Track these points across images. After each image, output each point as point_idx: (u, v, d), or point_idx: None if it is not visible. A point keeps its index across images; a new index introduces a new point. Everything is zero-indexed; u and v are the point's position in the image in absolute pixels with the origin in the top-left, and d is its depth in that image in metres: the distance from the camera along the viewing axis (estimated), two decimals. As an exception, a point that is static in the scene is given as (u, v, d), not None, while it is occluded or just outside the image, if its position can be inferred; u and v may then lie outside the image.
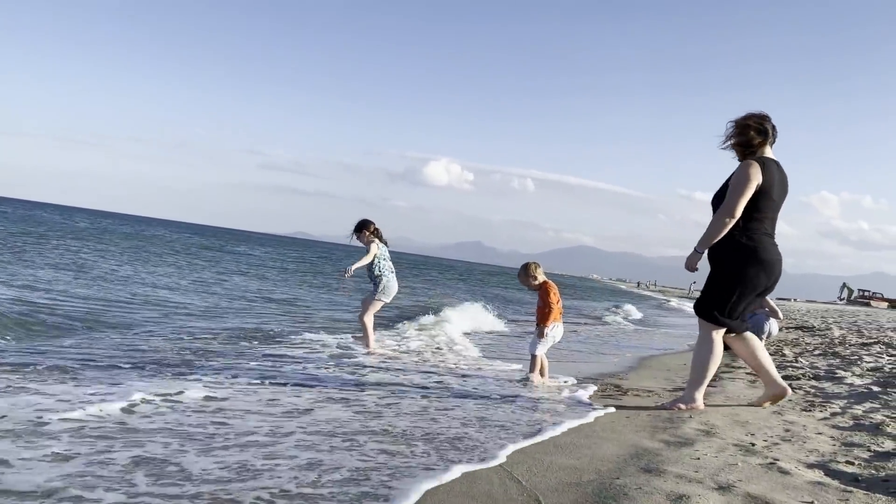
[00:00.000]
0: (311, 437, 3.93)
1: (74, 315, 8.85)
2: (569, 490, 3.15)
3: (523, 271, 6.74)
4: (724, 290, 5.09)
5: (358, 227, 8.26)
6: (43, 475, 2.92)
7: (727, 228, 4.96)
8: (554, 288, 6.68)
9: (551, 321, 6.56)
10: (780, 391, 5.40)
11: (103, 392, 4.63)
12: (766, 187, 4.90)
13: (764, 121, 5.08)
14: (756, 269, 4.99)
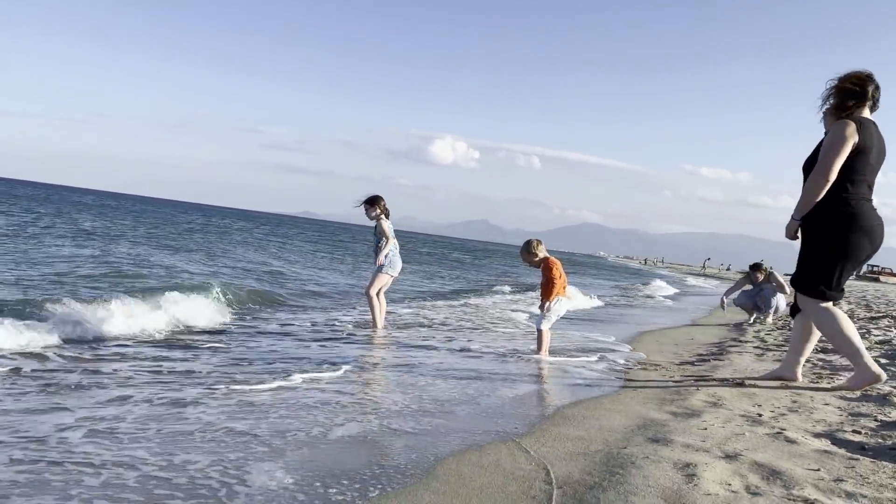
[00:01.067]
0: (342, 409, 3.98)
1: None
2: (577, 459, 3.19)
3: (525, 248, 6.73)
4: (828, 263, 4.78)
5: (370, 201, 8.17)
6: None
7: (823, 191, 4.62)
8: (556, 263, 6.66)
9: (555, 296, 6.56)
10: (791, 375, 5.28)
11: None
12: (862, 148, 4.57)
13: (863, 81, 4.69)
14: (858, 237, 4.69)
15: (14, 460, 2.84)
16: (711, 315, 14.10)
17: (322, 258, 24.06)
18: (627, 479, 2.87)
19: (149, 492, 2.58)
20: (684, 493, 2.70)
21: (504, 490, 2.75)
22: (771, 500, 2.64)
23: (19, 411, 3.59)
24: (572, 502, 2.60)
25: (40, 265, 11.20)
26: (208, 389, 4.34)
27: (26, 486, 2.58)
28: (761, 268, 11.77)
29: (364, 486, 2.72)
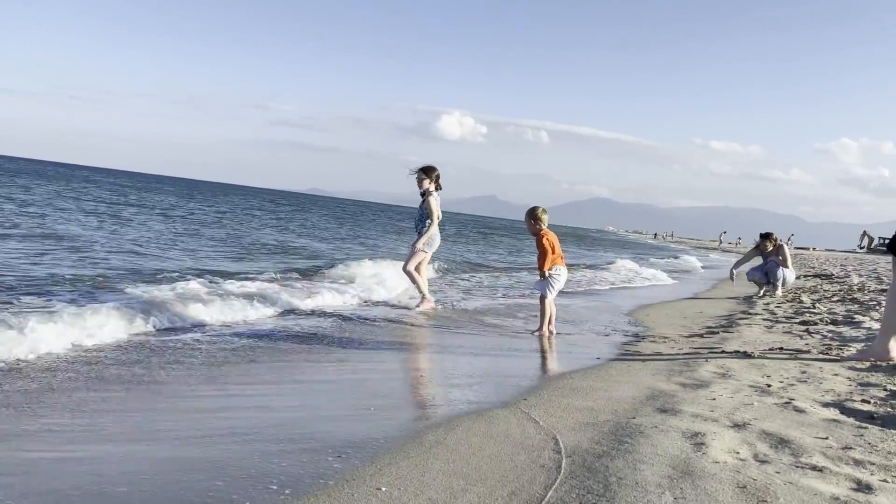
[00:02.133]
0: (374, 376, 4.02)
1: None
2: (586, 429, 3.21)
3: (531, 214, 6.59)
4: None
5: (425, 170, 7.85)
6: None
7: None
8: (551, 236, 6.56)
9: (551, 265, 6.46)
10: (885, 354, 4.82)
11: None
12: None
13: None
14: None
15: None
16: (718, 288, 14.07)
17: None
18: (636, 447, 2.89)
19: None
20: (693, 461, 2.71)
21: (513, 459, 2.78)
22: (779, 468, 2.66)
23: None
24: (581, 470, 2.63)
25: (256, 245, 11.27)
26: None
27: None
28: (771, 237, 11.73)
29: (375, 454, 2.76)
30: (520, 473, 2.61)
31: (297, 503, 2.25)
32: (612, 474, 2.57)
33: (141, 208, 25.73)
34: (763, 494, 2.37)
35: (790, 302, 10.05)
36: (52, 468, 2.50)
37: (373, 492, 2.38)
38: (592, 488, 2.43)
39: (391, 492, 2.39)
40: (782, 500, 2.33)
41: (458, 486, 2.46)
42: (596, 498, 2.34)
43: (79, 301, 5.82)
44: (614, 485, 2.46)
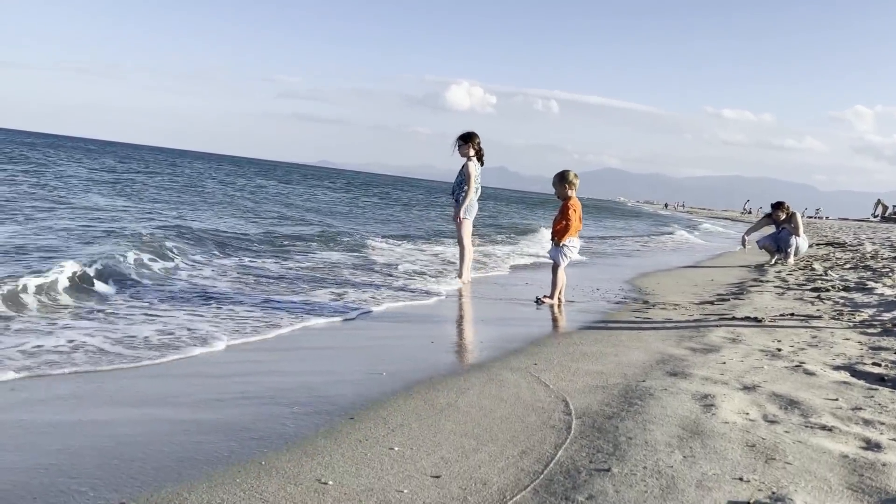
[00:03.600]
0: (387, 343, 4.06)
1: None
2: (595, 392, 3.23)
3: (560, 179, 6.38)
4: None
5: (465, 137, 7.46)
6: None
7: None
8: (577, 206, 6.46)
9: (568, 236, 6.40)
10: None
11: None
12: None
13: None
14: None
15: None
16: (729, 256, 14.01)
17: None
18: (646, 409, 2.91)
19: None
20: (702, 421, 2.73)
21: (524, 420, 2.81)
22: (788, 428, 2.68)
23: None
24: (591, 431, 2.65)
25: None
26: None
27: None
28: (783, 206, 11.64)
29: (388, 416, 2.79)
30: (530, 434, 2.64)
31: (310, 462, 2.29)
32: (622, 434, 2.59)
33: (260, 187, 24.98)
34: (772, 452, 2.39)
35: (802, 270, 10.00)
36: (70, 430, 2.55)
37: (386, 451, 2.41)
38: (602, 447, 2.46)
39: (404, 451, 2.42)
40: (791, 457, 2.35)
41: (470, 446, 2.49)
42: (606, 457, 2.37)
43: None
44: (624, 444, 2.48)
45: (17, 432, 2.50)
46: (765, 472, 2.22)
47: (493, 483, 2.17)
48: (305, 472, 2.21)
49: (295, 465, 2.26)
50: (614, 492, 2.07)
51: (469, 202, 7.44)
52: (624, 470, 2.24)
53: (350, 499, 2.03)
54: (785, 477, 2.18)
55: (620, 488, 2.10)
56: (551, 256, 6.52)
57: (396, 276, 7.70)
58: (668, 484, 2.12)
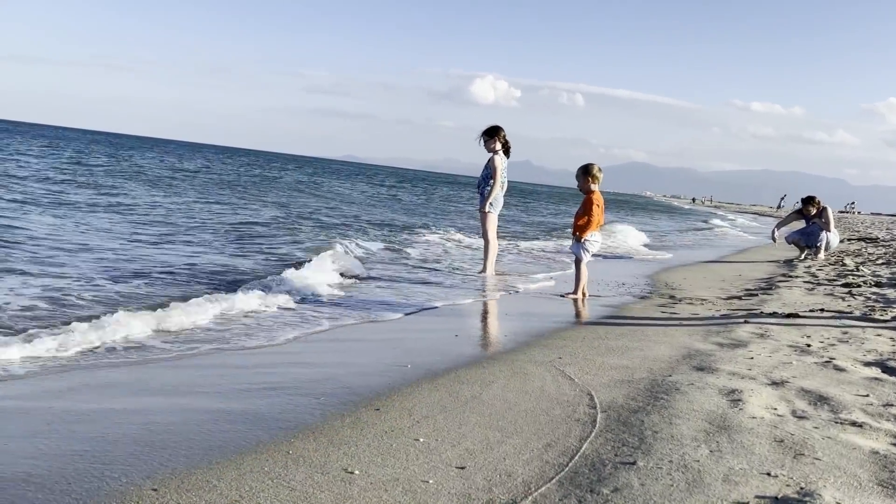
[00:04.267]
0: (412, 336, 4.09)
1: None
2: (621, 386, 3.22)
3: (584, 172, 6.35)
4: None
5: (490, 132, 7.44)
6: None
7: None
8: (600, 200, 6.42)
9: (589, 231, 6.37)
10: None
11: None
12: None
13: None
14: None
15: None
16: (756, 251, 13.83)
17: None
18: (672, 403, 2.90)
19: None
20: (729, 416, 2.71)
21: (549, 413, 2.81)
22: (817, 423, 2.64)
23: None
24: (616, 425, 2.64)
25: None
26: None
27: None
28: (814, 201, 11.45)
29: (413, 408, 2.81)
30: (555, 427, 2.64)
31: (337, 452, 2.31)
32: (648, 428, 2.58)
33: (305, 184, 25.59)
34: (801, 448, 2.37)
35: (833, 265, 9.84)
36: (103, 417, 2.61)
37: (411, 442, 2.43)
38: (628, 441, 2.45)
39: (429, 442, 2.44)
40: (820, 453, 2.32)
41: (495, 438, 2.50)
42: (631, 450, 2.36)
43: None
44: (650, 438, 2.47)
45: (53, 419, 2.56)
46: (793, 468, 2.19)
47: (517, 475, 2.18)
48: (332, 461, 2.24)
49: (322, 454, 2.29)
50: (640, 485, 2.07)
51: (494, 196, 7.43)
52: (650, 463, 2.23)
53: (376, 488, 2.05)
54: (814, 472, 2.16)
55: (646, 481, 2.09)
56: (573, 251, 6.50)
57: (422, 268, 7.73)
58: (695, 478, 2.11)
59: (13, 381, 3.04)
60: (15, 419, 2.57)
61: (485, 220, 7.51)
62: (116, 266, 6.18)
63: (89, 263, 6.18)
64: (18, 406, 2.72)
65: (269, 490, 2.00)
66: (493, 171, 7.39)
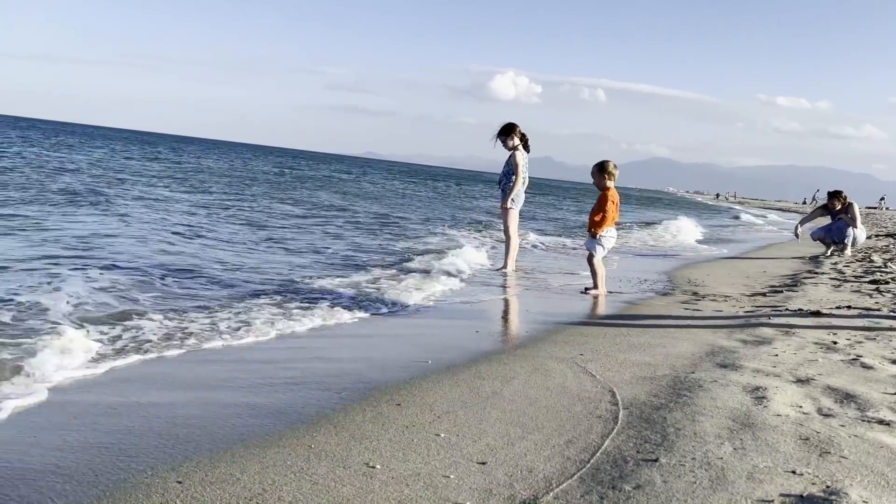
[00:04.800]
0: (432, 332, 4.10)
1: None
2: (643, 383, 3.20)
3: (601, 167, 6.35)
4: None
5: (505, 130, 7.38)
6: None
7: None
8: (615, 197, 6.40)
9: (604, 227, 6.36)
10: None
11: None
12: None
13: None
14: None
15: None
16: (779, 247, 13.64)
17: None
18: (695, 400, 2.87)
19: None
20: (753, 414, 2.68)
21: (570, 410, 2.80)
22: (844, 421, 2.61)
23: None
24: (639, 422, 2.63)
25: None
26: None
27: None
28: (840, 196, 11.26)
29: (434, 403, 2.81)
30: (577, 423, 2.63)
31: (358, 446, 2.33)
32: (670, 425, 2.56)
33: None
34: (827, 446, 2.33)
35: (860, 261, 9.68)
36: (130, 411, 2.64)
37: (432, 437, 2.44)
38: (650, 438, 2.44)
39: (450, 438, 2.44)
40: (847, 451, 2.29)
41: (516, 434, 2.50)
42: (653, 447, 2.35)
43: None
44: (672, 435, 2.46)
45: (79, 412, 2.60)
46: (819, 466, 2.17)
47: (538, 471, 2.17)
48: (354, 455, 2.25)
49: (344, 448, 2.31)
50: (662, 482, 2.05)
51: (516, 192, 7.41)
52: (672, 460, 2.22)
53: (398, 482, 2.06)
54: (840, 471, 2.13)
55: (668, 479, 2.08)
56: (587, 247, 6.50)
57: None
58: (718, 475, 2.09)
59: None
60: (43, 412, 2.62)
61: (506, 216, 7.49)
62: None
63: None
64: (51, 399, 2.77)
65: (292, 483, 2.02)
66: (514, 166, 7.37)
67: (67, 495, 1.92)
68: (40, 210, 9.73)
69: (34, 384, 2.88)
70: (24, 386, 2.85)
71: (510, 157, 7.43)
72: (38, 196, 11.54)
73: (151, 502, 1.88)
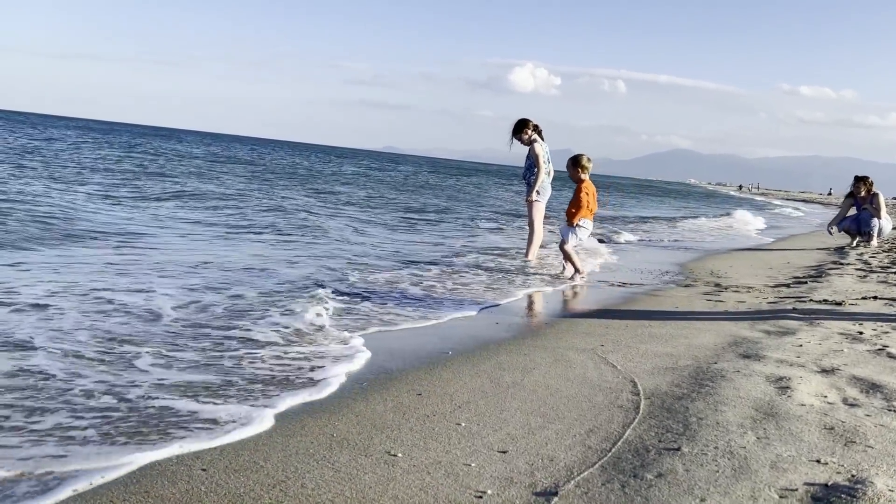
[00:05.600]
0: (468, 322, 4.13)
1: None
2: (665, 373, 3.18)
3: (574, 164, 6.62)
4: None
5: (517, 128, 7.41)
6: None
7: None
8: (591, 188, 6.66)
9: (579, 217, 6.59)
10: None
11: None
12: None
13: None
14: None
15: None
16: (802, 238, 13.46)
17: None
18: (717, 391, 2.85)
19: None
20: (777, 403, 2.66)
21: (591, 400, 2.79)
22: (870, 411, 2.58)
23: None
24: (660, 411, 2.62)
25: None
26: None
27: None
28: (866, 181, 11.05)
29: (454, 393, 2.82)
30: (598, 413, 2.63)
31: (380, 436, 2.34)
32: (693, 415, 2.55)
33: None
34: (852, 436, 2.31)
35: (886, 252, 9.53)
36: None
37: (453, 427, 2.45)
38: (672, 427, 2.43)
39: (470, 427, 2.45)
40: (872, 441, 2.26)
41: (536, 423, 2.50)
42: (675, 436, 2.33)
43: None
44: (694, 424, 2.44)
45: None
46: (844, 455, 2.14)
47: (559, 459, 2.17)
48: (375, 444, 2.26)
49: (365, 437, 2.32)
50: (684, 470, 2.04)
51: (541, 183, 7.43)
52: (694, 449, 2.21)
53: (419, 470, 2.07)
54: (865, 460, 2.11)
55: (691, 467, 2.07)
56: (560, 233, 6.80)
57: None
58: (741, 464, 2.08)
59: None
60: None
61: (531, 208, 7.52)
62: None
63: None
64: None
65: (315, 471, 2.04)
66: (536, 159, 7.38)
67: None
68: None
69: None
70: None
71: (530, 151, 7.45)
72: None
73: (177, 489, 1.91)
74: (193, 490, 1.90)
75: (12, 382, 2.71)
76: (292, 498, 1.87)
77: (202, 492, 1.89)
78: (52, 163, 18.74)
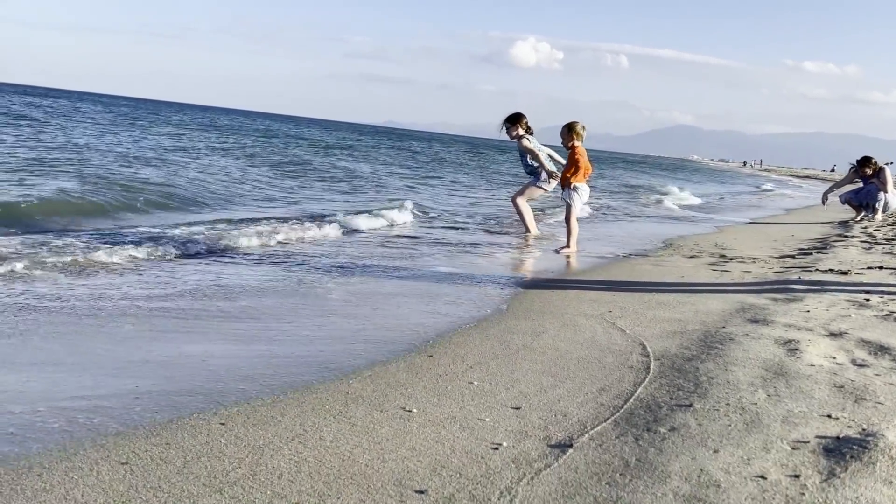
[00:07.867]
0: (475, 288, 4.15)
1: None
2: (674, 337, 3.20)
3: (568, 130, 6.70)
4: None
5: (511, 119, 7.65)
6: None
7: None
8: (583, 152, 6.72)
9: (576, 179, 6.65)
10: None
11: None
12: None
13: None
14: None
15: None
16: (805, 212, 13.44)
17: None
18: (727, 352, 2.87)
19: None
20: (786, 364, 2.68)
21: (601, 361, 2.81)
22: (879, 371, 2.60)
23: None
24: (671, 371, 2.64)
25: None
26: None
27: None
28: (871, 162, 11.02)
29: (465, 355, 2.85)
30: (608, 373, 2.65)
31: (394, 393, 2.37)
32: (703, 374, 2.57)
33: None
34: (862, 393, 2.33)
35: (891, 226, 9.53)
36: (170, 362, 2.70)
37: (466, 385, 2.47)
38: (683, 386, 2.45)
39: (483, 385, 2.47)
40: (882, 398, 2.28)
41: (548, 383, 2.53)
42: (687, 394, 2.36)
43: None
44: (705, 383, 2.47)
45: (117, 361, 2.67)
46: (854, 411, 2.17)
47: (572, 415, 2.20)
48: (390, 400, 2.29)
49: (380, 395, 2.35)
50: (697, 425, 2.07)
51: (546, 170, 7.52)
52: (706, 406, 2.23)
53: (434, 424, 2.09)
54: (876, 415, 2.13)
55: (703, 422, 2.09)
56: (563, 198, 6.78)
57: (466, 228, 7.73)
58: (753, 419, 2.10)
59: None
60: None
61: (527, 188, 7.69)
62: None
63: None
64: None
65: (332, 425, 2.07)
66: (527, 150, 7.54)
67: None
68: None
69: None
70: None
71: (518, 145, 7.63)
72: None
73: (197, 441, 1.93)
74: (213, 442, 1.93)
75: None
76: (311, 449, 1.90)
77: (222, 444, 1.92)
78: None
